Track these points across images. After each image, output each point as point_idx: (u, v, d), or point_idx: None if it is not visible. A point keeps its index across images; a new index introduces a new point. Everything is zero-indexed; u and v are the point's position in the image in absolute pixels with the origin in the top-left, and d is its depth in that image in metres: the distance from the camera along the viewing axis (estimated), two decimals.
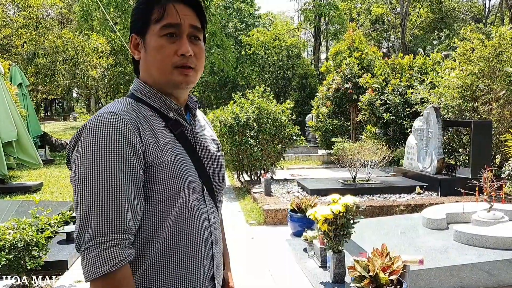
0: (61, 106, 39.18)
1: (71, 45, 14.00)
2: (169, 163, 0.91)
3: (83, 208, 0.83)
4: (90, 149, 0.84)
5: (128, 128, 0.86)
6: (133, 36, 0.98)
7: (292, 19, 33.62)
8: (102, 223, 0.82)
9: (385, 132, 9.49)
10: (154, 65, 0.95)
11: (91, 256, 0.81)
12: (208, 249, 0.99)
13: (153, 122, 0.93)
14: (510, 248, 3.21)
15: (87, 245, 0.82)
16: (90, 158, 0.83)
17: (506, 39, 6.69)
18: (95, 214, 0.82)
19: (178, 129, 0.97)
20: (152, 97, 0.97)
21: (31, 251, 2.96)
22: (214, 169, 1.05)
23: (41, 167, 8.44)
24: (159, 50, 0.93)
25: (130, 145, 0.86)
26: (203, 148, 1.02)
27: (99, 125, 0.86)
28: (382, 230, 3.99)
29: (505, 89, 6.60)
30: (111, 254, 0.81)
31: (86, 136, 0.85)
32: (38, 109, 24.30)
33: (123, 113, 0.89)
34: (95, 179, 0.82)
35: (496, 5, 28.76)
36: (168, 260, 0.91)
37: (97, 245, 0.81)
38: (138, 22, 0.97)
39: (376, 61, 10.77)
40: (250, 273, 3.56)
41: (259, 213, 5.34)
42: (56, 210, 4.37)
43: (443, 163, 6.27)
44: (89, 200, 0.82)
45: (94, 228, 0.82)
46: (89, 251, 0.82)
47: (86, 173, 0.83)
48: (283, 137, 7.41)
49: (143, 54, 0.97)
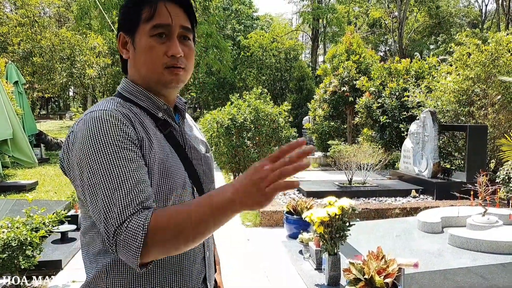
0: (57, 105, 38.98)
1: (68, 44, 13.94)
2: (161, 162, 0.89)
3: (102, 194, 0.79)
4: (88, 142, 0.82)
5: (122, 122, 0.85)
6: (122, 35, 0.97)
7: (290, 21, 33.70)
8: (125, 203, 0.78)
9: (382, 135, 9.52)
10: (144, 65, 0.94)
11: (122, 238, 0.76)
12: (199, 251, 0.98)
13: (144, 121, 0.92)
14: (504, 252, 3.23)
15: (118, 230, 0.77)
16: (91, 149, 0.82)
17: (502, 45, 6.74)
18: (114, 198, 0.78)
19: (167, 129, 0.96)
20: (141, 96, 0.96)
21: (25, 251, 2.94)
22: (204, 170, 1.03)
23: (36, 166, 8.38)
24: (149, 50, 0.92)
25: (126, 135, 0.85)
26: (192, 149, 1.02)
27: (91, 121, 0.84)
28: (378, 233, 4.00)
29: (500, 94, 6.65)
30: (137, 223, 0.76)
31: (81, 134, 0.84)
32: (34, 108, 24.18)
33: (114, 110, 0.87)
34: (101, 166, 0.80)
35: (492, 11, 29.01)
36: (160, 262, 0.90)
37: (125, 225, 0.76)
38: (127, 21, 0.96)
39: (373, 64, 10.82)
40: (245, 275, 3.56)
41: (255, 215, 5.33)
42: (51, 209, 4.35)
43: (439, 167, 6.30)
44: (105, 183, 0.79)
45: (118, 211, 0.77)
46: (119, 234, 0.76)
47: (91, 163, 0.81)
48: (280, 139, 7.42)
49: (132, 53, 0.95)
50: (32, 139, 9.71)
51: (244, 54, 20.02)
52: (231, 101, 7.62)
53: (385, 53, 30.44)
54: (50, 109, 36.03)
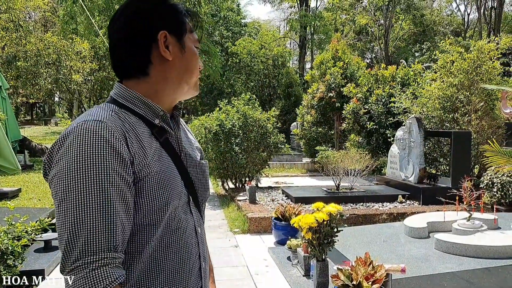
0: (42, 110, 38.33)
1: (54, 49, 13.75)
2: (157, 173, 0.87)
3: (68, 226, 0.76)
4: (74, 161, 0.78)
5: (115, 138, 0.81)
6: (166, 34, 0.92)
7: (278, 28, 33.98)
8: (91, 241, 0.75)
9: (368, 141, 9.62)
10: (194, 69, 0.97)
11: (78, 277, 0.75)
12: (196, 262, 0.96)
13: (138, 130, 0.89)
14: (489, 256, 3.28)
15: (73, 265, 0.75)
16: (75, 171, 0.77)
17: (484, 53, 6.91)
18: (82, 231, 0.76)
19: (163, 136, 0.94)
20: (138, 103, 0.92)
21: (6, 260, 2.86)
22: (199, 178, 1.02)
23: (19, 172, 8.19)
24: (196, 58, 0.97)
25: (118, 156, 0.80)
26: (188, 157, 1.00)
27: (83, 134, 0.79)
28: (365, 239, 4.02)
29: (483, 101, 6.80)
30: (101, 275, 0.76)
31: (69, 146, 0.79)
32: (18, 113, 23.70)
33: (108, 121, 0.83)
34: (82, 193, 0.77)
35: (474, 20, 29.76)
36: (157, 275, 0.88)
37: (86, 265, 0.75)
38: (175, 22, 0.94)
39: (359, 71, 10.96)
40: (233, 282, 3.52)
41: (243, 221, 5.31)
42: (34, 217, 4.25)
43: (425, 173, 6.38)
44: (75, 216, 0.76)
45: (81, 247, 0.75)
46: (76, 271, 0.75)
47: (71, 187, 0.77)
48: (268, 144, 7.42)
49: (178, 55, 0.93)
50: (15, 145, 9.50)
51: (232, 61, 20.05)
52: (219, 106, 7.60)
53: (371, 60, 30.89)
54: (35, 114, 35.40)
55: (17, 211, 3.90)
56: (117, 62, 0.95)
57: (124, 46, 0.92)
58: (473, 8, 29.81)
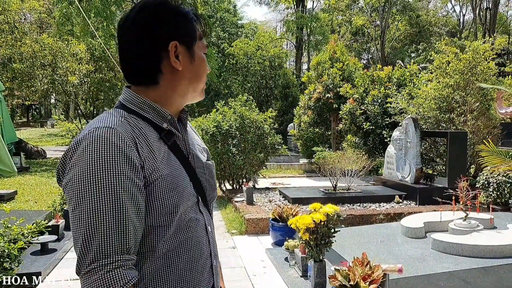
0: (38, 112, 38.16)
1: (49, 50, 13.70)
2: (166, 177, 0.89)
3: (82, 230, 0.79)
4: (87, 168, 0.80)
5: (126, 144, 0.84)
6: (177, 45, 0.93)
7: (275, 30, 34.00)
8: (105, 244, 0.79)
9: (365, 142, 9.65)
10: (203, 75, 0.99)
11: (93, 279, 0.78)
12: (207, 260, 0.99)
13: (147, 134, 0.91)
14: (485, 256, 3.29)
15: (88, 267, 0.78)
16: (89, 177, 0.80)
17: (479, 53, 6.95)
18: (96, 235, 0.79)
19: (171, 140, 0.96)
20: (146, 108, 0.94)
21: (2, 263, 2.84)
22: (207, 178, 1.04)
23: (15, 175, 8.15)
24: (205, 65, 0.99)
25: (129, 161, 0.83)
26: (195, 158, 1.02)
27: (94, 141, 0.82)
28: (362, 239, 4.03)
29: (478, 101, 6.84)
30: (116, 277, 0.79)
31: (82, 153, 0.82)
32: (14, 115, 23.60)
33: (119, 127, 0.85)
34: (95, 198, 0.79)
35: (470, 20, 29.94)
36: (169, 275, 0.90)
37: (100, 267, 0.78)
38: (186, 32, 0.95)
39: (356, 72, 10.99)
40: (231, 284, 3.52)
41: (241, 222, 5.30)
42: (31, 219, 4.23)
43: (421, 173, 6.41)
44: (90, 220, 0.79)
45: (96, 250, 0.78)
46: (91, 274, 0.78)
47: (85, 192, 0.80)
48: (265, 145, 7.43)
49: (187, 64, 0.95)
50: (11, 147, 9.46)
51: (229, 62, 20.06)
52: (216, 108, 7.60)
53: (368, 61, 31.01)
54: (30, 116, 35.22)
55: (13, 213, 3.88)
56: (126, 68, 0.96)
57: (134, 55, 0.93)
58: (468, 9, 30.02)
